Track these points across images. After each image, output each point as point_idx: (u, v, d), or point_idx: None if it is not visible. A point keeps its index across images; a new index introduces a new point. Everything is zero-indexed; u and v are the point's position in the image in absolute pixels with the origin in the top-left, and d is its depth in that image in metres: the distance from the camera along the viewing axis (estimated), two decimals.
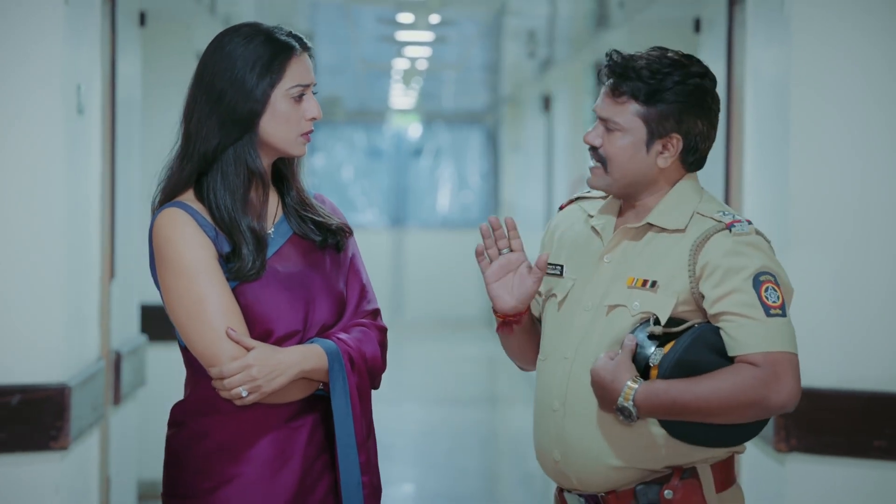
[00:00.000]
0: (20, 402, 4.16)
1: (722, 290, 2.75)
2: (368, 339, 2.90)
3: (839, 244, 4.26)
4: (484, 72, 13.79)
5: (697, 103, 2.85)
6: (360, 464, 2.85)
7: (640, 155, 2.85)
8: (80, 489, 4.56)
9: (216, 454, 2.84)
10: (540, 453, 2.95)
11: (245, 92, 2.83)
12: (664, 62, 2.84)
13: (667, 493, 2.79)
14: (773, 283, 2.76)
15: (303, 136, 2.87)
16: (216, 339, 2.77)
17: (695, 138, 2.86)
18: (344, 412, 2.84)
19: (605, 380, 2.74)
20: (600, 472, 2.82)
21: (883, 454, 4.19)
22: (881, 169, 4.25)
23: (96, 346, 4.86)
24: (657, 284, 2.80)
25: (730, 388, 2.69)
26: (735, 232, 2.79)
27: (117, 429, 5.38)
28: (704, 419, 2.72)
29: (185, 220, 2.83)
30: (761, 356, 2.70)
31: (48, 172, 4.24)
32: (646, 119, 2.83)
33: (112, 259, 5.23)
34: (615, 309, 2.83)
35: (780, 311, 2.75)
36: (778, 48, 4.45)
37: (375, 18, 9.54)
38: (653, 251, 2.85)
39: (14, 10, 4.20)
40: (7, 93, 4.20)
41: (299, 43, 2.89)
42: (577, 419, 2.84)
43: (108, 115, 5.13)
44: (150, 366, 6.34)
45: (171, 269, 2.82)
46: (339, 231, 2.95)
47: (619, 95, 2.84)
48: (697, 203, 2.87)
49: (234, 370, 2.76)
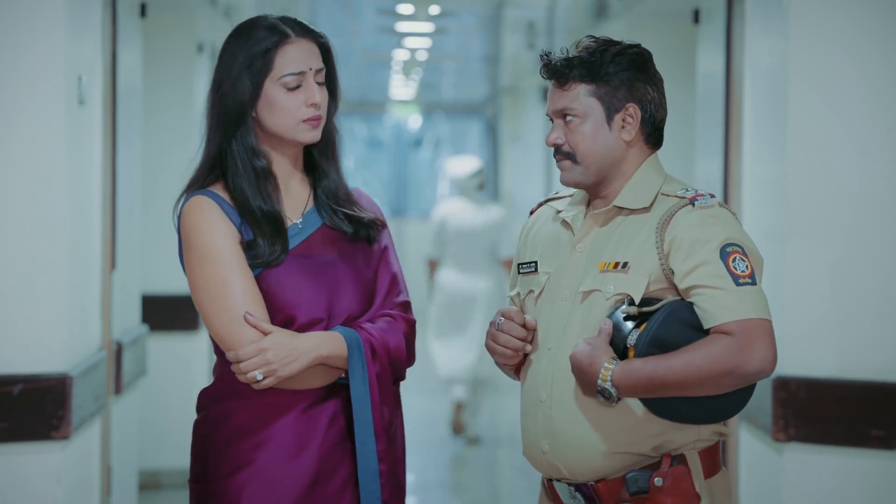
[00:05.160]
0: (22, 392, 4.16)
1: (690, 263, 2.77)
2: (394, 329, 2.92)
3: (837, 235, 4.27)
4: (483, 63, 13.79)
5: (642, 70, 2.89)
6: (378, 451, 2.87)
7: (603, 133, 2.88)
8: (81, 478, 4.57)
9: (236, 438, 2.89)
10: (528, 445, 2.96)
11: (233, 85, 2.89)
12: (598, 42, 2.90)
13: (657, 480, 2.80)
14: (740, 252, 2.78)
15: (305, 123, 2.89)
16: (234, 323, 2.81)
17: (649, 105, 2.89)
18: (362, 400, 2.87)
19: (583, 364, 2.77)
20: (589, 459, 2.84)
21: (881, 443, 4.20)
22: (878, 160, 4.26)
23: (97, 337, 4.87)
24: (628, 265, 2.82)
25: (703, 359, 2.70)
26: (699, 206, 2.82)
27: (118, 419, 5.38)
28: (683, 393, 2.73)
29: (210, 208, 2.88)
30: (734, 324, 2.72)
31: (50, 163, 4.24)
32: (599, 96, 2.87)
33: (113, 249, 5.23)
34: (590, 294, 2.86)
35: (750, 279, 2.76)
36: (776, 39, 4.46)
37: (375, 9, 9.55)
38: (621, 234, 2.87)
39: (16, 3, 4.20)
40: (9, 84, 4.20)
41: (295, 30, 2.90)
42: (563, 408, 2.86)
43: (110, 106, 5.13)
44: (151, 356, 6.36)
45: (196, 255, 2.86)
46: (372, 224, 2.97)
47: (566, 83, 2.89)
48: (661, 183, 2.90)
49: (249, 353, 2.80)
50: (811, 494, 4.30)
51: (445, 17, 9.86)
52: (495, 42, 11.60)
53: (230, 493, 2.89)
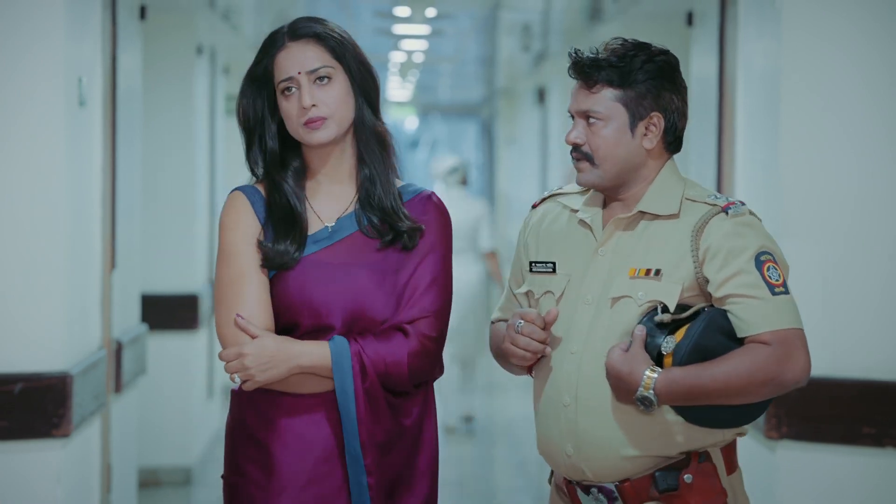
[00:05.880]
0: (22, 391, 4.17)
1: (726, 272, 2.78)
2: (397, 345, 2.86)
3: (830, 234, 4.27)
4: (479, 65, 13.83)
5: (670, 79, 2.87)
6: (366, 465, 2.85)
7: (625, 139, 2.86)
8: (81, 476, 4.58)
9: (241, 436, 2.92)
10: (549, 448, 2.94)
11: (241, 100, 2.95)
12: (627, 46, 2.87)
13: (686, 477, 2.82)
14: (772, 261, 2.80)
15: (305, 126, 2.88)
16: (225, 324, 2.84)
17: (673, 115, 2.88)
18: (347, 413, 2.84)
19: (621, 372, 2.76)
20: (616, 462, 2.84)
21: (872, 441, 4.21)
22: (871, 160, 4.27)
23: (98, 336, 4.87)
24: (661, 272, 2.82)
25: (746, 369, 2.72)
26: (732, 214, 2.82)
27: (118, 417, 5.37)
28: (722, 401, 2.75)
29: (238, 205, 2.92)
30: (771, 335, 2.74)
31: (50, 164, 4.24)
32: (625, 102, 2.85)
33: (113, 249, 5.23)
34: (620, 300, 2.84)
35: (783, 288, 2.79)
36: (769, 41, 4.46)
37: (373, 12, 9.58)
38: (650, 239, 2.86)
39: (16, 4, 4.21)
40: (10, 85, 4.20)
41: (289, 35, 2.91)
42: (590, 412, 2.85)
43: (110, 107, 5.12)
44: (150, 355, 6.35)
45: (220, 252, 2.91)
46: (411, 232, 2.90)
47: (593, 86, 2.86)
48: (683, 188, 2.89)
49: (229, 356, 2.83)
50: (804, 492, 4.30)
51: (442, 20, 9.90)
52: (491, 44, 11.64)
53: (232, 490, 2.93)
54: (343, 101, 2.90)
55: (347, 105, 2.91)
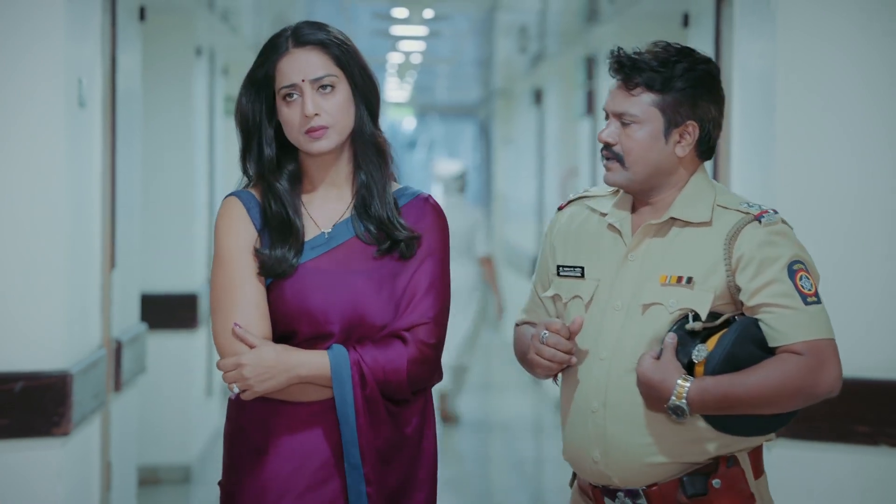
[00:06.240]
0: (23, 389, 4.18)
1: (759, 281, 2.77)
2: (396, 353, 2.83)
3: (825, 234, 4.26)
4: (477, 66, 13.85)
5: (709, 89, 2.86)
6: (365, 474, 2.82)
7: (658, 145, 2.85)
8: (81, 474, 4.59)
9: (243, 445, 2.88)
10: (575, 453, 2.93)
11: (247, 100, 2.89)
12: (670, 51, 2.85)
13: (715, 482, 2.81)
14: (804, 270, 2.81)
15: (306, 134, 2.84)
16: (222, 333, 2.81)
17: (708, 125, 2.87)
18: (346, 422, 2.81)
19: (653, 380, 2.76)
20: (643, 468, 2.83)
21: (867, 440, 4.22)
22: (867, 160, 4.28)
23: (97, 335, 4.88)
24: (693, 280, 2.81)
25: (779, 379, 2.73)
26: (765, 222, 2.82)
27: (118, 415, 5.37)
28: (754, 411, 2.75)
29: (233, 211, 2.88)
30: (803, 345, 2.74)
31: (51, 164, 4.25)
32: (662, 108, 2.83)
33: (113, 249, 5.24)
34: (651, 307, 2.83)
35: (816, 297, 2.80)
36: (764, 42, 4.47)
37: (371, 13, 9.60)
38: (681, 246, 2.85)
39: (17, 6, 4.21)
40: (10, 86, 4.21)
41: (294, 41, 2.86)
42: (620, 419, 2.84)
43: (109, 107, 5.12)
44: (149, 354, 6.35)
45: (215, 258, 2.87)
46: (409, 241, 2.87)
47: (633, 87, 2.84)
48: (714, 194, 2.88)
49: (227, 366, 2.80)
50: (798, 490, 4.30)
51: (439, 21, 9.92)
52: (488, 45, 11.66)
53: (229, 497, 2.91)
54: (345, 111, 2.86)
55: (349, 114, 2.87)
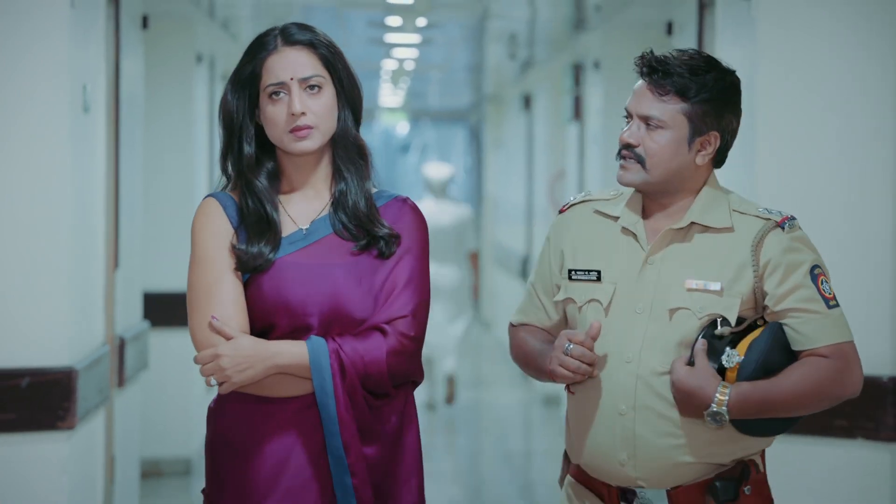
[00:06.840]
0: (29, 385, 4.22)
1: (785, 287, 2.81)
2: (376, 344, 2.78)
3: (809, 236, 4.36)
4: (468, 72, 13.93)
5: (733, 101, 2.87)
6: (349, 464, 2.77)
7: (681, 152, 2.84)
8: (85, 467, 4.62)
9: (224, 451, 2.85)
10: (599, 456, 2.90)
11: (231, 97, 2.88)
12: (699, 60, 2.84)
13: (746, 489, 2.85)
14: (824, 275, 2.85)
15: (291, 133, 2.80)
16: (199, 327, 2.77)
17: (729, 136, 2.89)
18: (326, 411, 2.77)
19: (691, 387, 2.77)
20: (670, 469, 2.84)
21: (844, 433, 4.25)
22: (844, 164, 4.31)
23: (101, 332, 4.89)
24: (721, 287, 2.82)
25: (812, 383, 2.77)
26: (787, 229, 2.84)
27: (121, 410, 5.41)
28: (787, 414, 2.80)
29: (210, 211, 2.86)
30: (829, 348, 2.79)
31: (55, 168, 4.26)
32: (689, 116, 2.82)
33: (116, 249, 5.27)
34: (678, 312, 2.83)
35: (836, 301, 2.84)
36: (745, 48, 4.51)
37: (366, 22, 9.68)
38: (704, 252, 2.86)
39: (22, 14, 4.23)
40: (16, 92, 4.23)
41: (283, 39, 2.83)
42: (649, 421, 2.83)
43: (113, 113, 5.15)
44: (152, 351, 6.40)
45: (192, 257, 2.84)
46: (388, 239, 2.83)
47: (665, 93, 2.83)
48: (727, 200, 2.90)
49: (205, 358, 2.75)
50: (777, 482, 4.27)
51: (432, 29, 9.99)
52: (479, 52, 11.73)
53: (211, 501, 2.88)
54: (330, 112, 2.84)
55: (333, 116, 2.84)
